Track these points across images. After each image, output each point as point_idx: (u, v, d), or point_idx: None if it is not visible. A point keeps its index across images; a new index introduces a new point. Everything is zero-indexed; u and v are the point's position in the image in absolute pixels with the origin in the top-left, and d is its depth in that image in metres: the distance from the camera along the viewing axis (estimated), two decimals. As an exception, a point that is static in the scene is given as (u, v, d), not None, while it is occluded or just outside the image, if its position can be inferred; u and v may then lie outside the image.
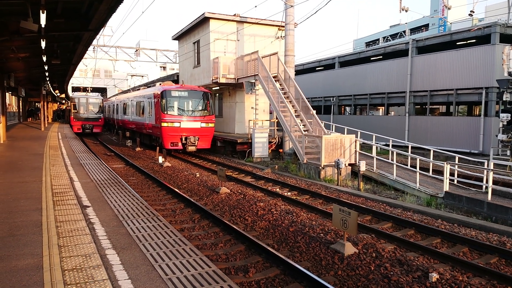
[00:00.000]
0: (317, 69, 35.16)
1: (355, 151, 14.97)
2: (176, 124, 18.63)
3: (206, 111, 19.59)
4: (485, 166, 11.35)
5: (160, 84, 22.53)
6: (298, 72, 33.04)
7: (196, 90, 19.88)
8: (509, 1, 19.45)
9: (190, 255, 4.73)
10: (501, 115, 16.78)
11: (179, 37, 28.60)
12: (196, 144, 18.93)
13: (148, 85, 32.80)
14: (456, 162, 12.86)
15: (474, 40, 21.83)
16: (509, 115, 16.50)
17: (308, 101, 18.10)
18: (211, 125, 19.63)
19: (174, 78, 31.49)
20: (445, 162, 11.08)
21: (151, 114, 20.83)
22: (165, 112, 18.69)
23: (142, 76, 39.76)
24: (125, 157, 18.40)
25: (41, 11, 8.90)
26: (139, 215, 6.41)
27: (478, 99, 21.12)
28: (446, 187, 10.98)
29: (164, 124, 18.58)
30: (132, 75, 37.25)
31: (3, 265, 4.24)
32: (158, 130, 19.44)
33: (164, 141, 18.86)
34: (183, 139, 18.77)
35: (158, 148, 19.88)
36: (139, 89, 27.93)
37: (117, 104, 33.04)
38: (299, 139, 15.80)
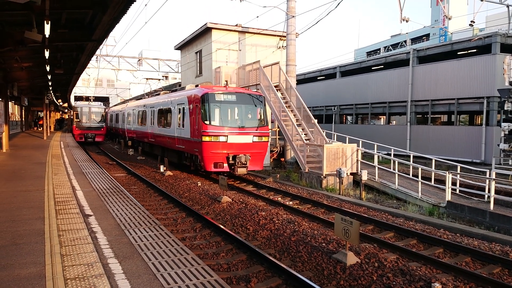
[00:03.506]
0: (318, 78, 35.32)
1: (357, 160, 14.98)
2: (222, 139, 14.29)
3: (259, 120, 15.41)
4: (487, 176, 11.33)
5: (196, 86, 18.03)
6: (300, 82, 33.20)
7: (247, 93, 15.81)
8: (509, 11, 19.61)
9: (192, 264, 4.73)
10: (503, 124, 16.79)
11: (181, 47, 28.85)
12: (247, 164, 14.65)
13: (171, 88, 27.45)
14: (458, 171, 12.85)
15: (475, 50, 21.95)
16: (511, 124, 16.51)
17: (310, 110, 18.16)
18: (265, 139, 15.31)
19: (176, 88, 31.61)
20: (447, 172, 11.08)
21: (182, 124, 16.50)
22: (208, 123, 14.29)
23: (159, 80, 36.45)
24: (127, 166, 18.42)
25: (45, 21, 9.04)
26: (141, 224, 6.42)
27: (480, 109, 21.16)
28: (448, 196, 10.96)
29: (205, 139, 14.21)
30: (147, 79, 34.13)
31: (6, 274, 4.25)
32: (195, 146, 15.04)
33: (205, 161, 14.48)
34: (230, 158, 14.52)
35: (159, 158, 19.57)
36: (158, 94, 23.63)
37: (128, 113, 28.61)
38: (301, 148, 15.83)
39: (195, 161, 15.73)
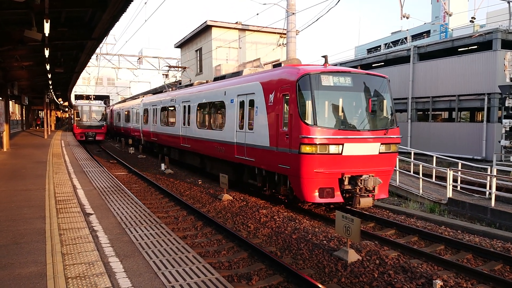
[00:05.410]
0: (319, 76, 35.20)
1: (358, 157, 14.91)
2: (333, 149, 8.79)
3: (388, 118, 10.09)
4: (488, 172, 11.32)
5: (276, 65, 12.03)
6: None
7: (367, 74, 10.20)
8: (510, 7, 19.56)
9: (193, 263, 4.73)
10: (504, 121, 16.77)
11: (182, 45, 28.84)
12: (375, 192, 9.27)
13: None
14: (459, 168, 12.83)
15: (476, 47, 21.91)
16: (512, 121, 16.48)
17: (310, 108, 18.03)
18: (394, 148, 9.86)
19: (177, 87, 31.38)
20: (448, 168, 11.07)
21: (248, 126, 11.12)
22: (311, 123, 8.77)
23: (184, 68, 32.55)
24: (127, 165, 18.42)
25: (45, 20, 9.02)
26: (142, 222, 6.42)
27: (481, 105, 21.12)
28: (450, 193, 10.95)
29: (306, 149, 8.71)
30: (169, 66, 30.74)
31: (7, 273, 4.25)
32: (282, 160, 9.46)
33: (304, 186, 8.99)
34: (346, 181, 9.08)
35: (161, 156, 19.51)
36: (191, 85, 18.43)
37: (144, 110, 23.74)
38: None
39: (279, 184, 10.25)
